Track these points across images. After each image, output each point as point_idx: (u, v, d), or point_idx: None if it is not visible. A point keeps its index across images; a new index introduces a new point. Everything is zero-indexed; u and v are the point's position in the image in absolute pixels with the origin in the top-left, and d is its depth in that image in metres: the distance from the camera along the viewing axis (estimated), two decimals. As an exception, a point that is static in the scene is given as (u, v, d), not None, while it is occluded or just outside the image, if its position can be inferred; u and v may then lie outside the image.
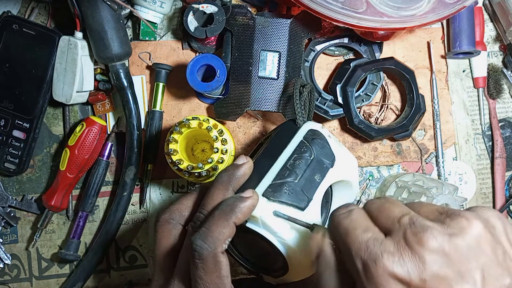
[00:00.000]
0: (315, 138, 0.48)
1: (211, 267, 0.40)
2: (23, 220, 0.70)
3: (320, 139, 0.48)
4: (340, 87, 0.65)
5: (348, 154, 0.50)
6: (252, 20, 0.63)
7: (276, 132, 0.53)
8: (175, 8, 0.68)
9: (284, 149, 0.48)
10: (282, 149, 0.48)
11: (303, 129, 0.49)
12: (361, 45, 0.67)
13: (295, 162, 0.46)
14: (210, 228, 0.41)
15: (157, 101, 0.68)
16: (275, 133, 0.53)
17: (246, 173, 0.46)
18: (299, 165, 0.46)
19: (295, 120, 0.51)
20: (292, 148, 0.47)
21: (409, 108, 0.66)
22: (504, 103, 0.71)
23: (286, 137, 0.49)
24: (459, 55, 0.69)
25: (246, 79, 0.63)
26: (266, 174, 0.46)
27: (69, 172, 0.66)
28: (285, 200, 0.43)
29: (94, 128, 0.65)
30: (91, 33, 0.62)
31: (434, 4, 0.57)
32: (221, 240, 0.41)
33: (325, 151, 0.48)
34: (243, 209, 0.42)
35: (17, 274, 0.70)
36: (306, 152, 0.47)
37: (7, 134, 0.66)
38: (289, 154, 0.47)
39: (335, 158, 0.48)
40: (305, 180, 0.45)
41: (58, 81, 0.64)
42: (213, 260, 0.40)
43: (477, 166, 0.70)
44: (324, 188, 0.46)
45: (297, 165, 0.46)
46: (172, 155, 0.58)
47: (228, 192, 0.45)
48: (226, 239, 0.41)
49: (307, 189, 0.45)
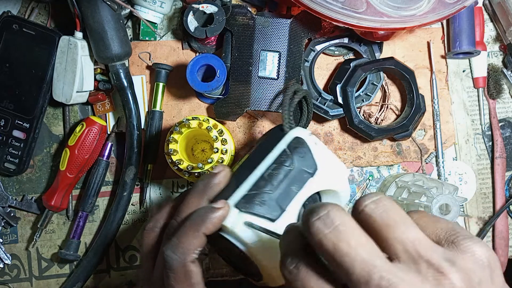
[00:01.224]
0: (297, 146, 0.47)
1: (181, 277, 0.42)
2: (23, 220, 0.70)
3: (303, 147, 0.47)
4: (340, 87, 0.65)
5: (336, 163, 0.49)
6: (252, 20, 0.63)
7: (263, 138, 0.53)
8: (175, 8, 0.68)
9: (265, 157, 0.47)
10: (263, 158, 0.47)
11: (288, 137, 0.48)
12: (361, 45, 0.67)
13: (273, 172, 0.45)
14: (180, 239, 0.43)
15: (157, 101, 0.68)
16: (262, 139, 0.52)
17: (221, 181, 0.46)
18: (277, 175, 0.45)
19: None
20: (273, 157, 0.46)
21: (409, 108, 0.66)
22: (504, 103, 0.71)
23: (270, 145, 0.48)
24: (459, 55, 0.68)
25: (246, 79, 0.63)
26: (242, 184, 0.45)
27: (69, 172, 0.66)
28: (256, 211, 0.43)
29: (94, 128, 0.65)
30: (91, 33, 0.62)
31: (434, 4, 0.57)
32: (190, 250, 0.42)
33: (306, 160, 0.46)
34: (213, 220, 0.42)
35: (17, 274, 0.70)
36: (286, 161, 0.46)
37: (7, 134, 0.66)
38: (269, 163, 0.46)
39: (318, 167, 0.46)
40: (280, 190, 0.44)
41: (58, 81, 0.64)
42: (183, 270, 0.42)
43: (477, 166, 0.70)
44: (301, 198, 0.45)
45: (275, 175, 0.45)
46: (172, 155, 0.58)
47: (203, 200, 0.46)
48: (195, 249, 0.43)
49: (281, 200, 0.44)
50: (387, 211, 0.31)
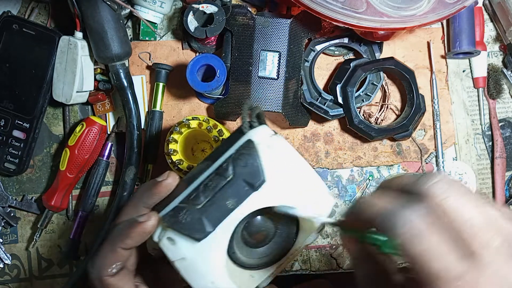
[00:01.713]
0: (243, 153, 0.40)
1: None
2: (23, 220, 0.70)
3: (249, 153, 0.39)
4: (340, 87, 0.65)
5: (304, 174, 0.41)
6: (252, 20, 0.63)
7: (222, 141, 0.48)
8: (175, 8, 0.68)
9: (212, 165, 0.41)
10: (209, 165, 0.41)
11: (241, 140, 0.41)
12: (361, 45, 0.67)
13: (209, 183, 0.39)
14: (98, 253, 0.43)
15: (157, 101, 0.68)
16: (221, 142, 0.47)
17: (162, 191, 0.43)
18: (211, 188, 0.39)
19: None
20: (217, 165, 0.41)
21: (409, 108, 0.66)
22: (504, 103, 0.71)
23: (222, 150, 0.42)
24: (459, 55, 0.68)
25: (246, 79, 0.63)
26: (180, 194, 0.41)
27: (69, 172, 0.66)
28: (179, 228, 0.39)
29: (94, 128, 0.65)
30: (91, 33, 0.62)
31: (434, 4, 0.57)
32: (106, 265, 0.42)
33: (250, 170, 0.39)
34: (132, 234, 0.41)
35: (17, 274, 0.70)
36: (225, 171, 0.39)
37: (7, 134, 0.66)
38: (210, 172, 0.40)
39: (266, 179, 0.39)
40: (210, 206, 0.39)
41: (58, 81, 0.64)
42: (100, 284, 0.42)
43: (477, 166, 0.70)
44: (239, 216, 0.39)
45: (209, 187, 0.39)
46: (172, 155, 0.58)
47: (139, 209, 0.44)
48: (112, 265, 0.42)
49: (212, 217, 0.39)
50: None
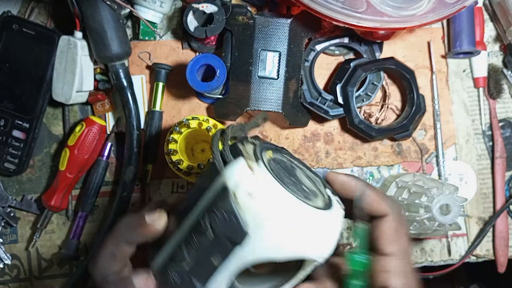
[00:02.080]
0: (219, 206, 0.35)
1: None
2: (23, 220, 0.70)
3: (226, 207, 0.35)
4: (340, 87, 0.65)
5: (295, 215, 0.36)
6: (252, 20, 0.63)
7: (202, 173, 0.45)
8: (175, 8, 0.68)
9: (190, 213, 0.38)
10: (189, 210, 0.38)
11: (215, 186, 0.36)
12: (361, 45, 0.67)
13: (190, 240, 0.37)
14: (100, 253, 0.41)
15: (157, 101, 0.68)
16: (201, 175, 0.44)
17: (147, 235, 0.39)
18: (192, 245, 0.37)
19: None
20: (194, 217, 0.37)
21: (409, 108, 0.66)
22: (504, 103, 0.70)
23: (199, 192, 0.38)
24: (459, 55, 0.68)
25: (246, 79, 0.63)
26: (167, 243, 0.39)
27: (69, 172, 0.66)
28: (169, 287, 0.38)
29: (93, 128, 0.65)
30: (91, 33, 0.62)
31: (434, 4, 0.57)
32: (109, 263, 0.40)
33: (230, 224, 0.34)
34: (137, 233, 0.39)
35: (17, 274, 0.70)
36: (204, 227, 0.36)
37: (7, 134, 0.66)
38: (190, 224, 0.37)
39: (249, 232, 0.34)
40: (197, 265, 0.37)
41: (57, 81, 0.64)
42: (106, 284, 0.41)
43: (478, 166, 0.70)
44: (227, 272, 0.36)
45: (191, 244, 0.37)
46: (172, 155, 0.58)
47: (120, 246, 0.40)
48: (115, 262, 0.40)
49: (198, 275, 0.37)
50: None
